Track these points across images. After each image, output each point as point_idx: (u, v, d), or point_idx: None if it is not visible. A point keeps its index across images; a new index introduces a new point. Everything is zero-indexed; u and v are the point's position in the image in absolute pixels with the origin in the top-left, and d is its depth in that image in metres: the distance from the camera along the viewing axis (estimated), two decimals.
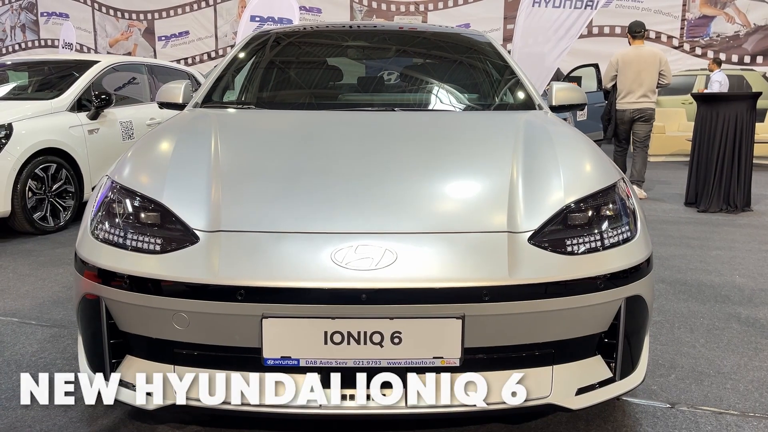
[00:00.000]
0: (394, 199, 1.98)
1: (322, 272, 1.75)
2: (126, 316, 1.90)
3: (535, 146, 2.28)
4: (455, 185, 2.11)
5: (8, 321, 3.24)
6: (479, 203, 2.01)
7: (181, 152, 2.23)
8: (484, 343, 1.81)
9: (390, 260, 1.77)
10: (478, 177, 2.15)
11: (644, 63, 6.79)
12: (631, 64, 6.81)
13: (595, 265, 1.87)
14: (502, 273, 1.77)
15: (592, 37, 14.54)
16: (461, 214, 1.95)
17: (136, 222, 1.97)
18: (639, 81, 6.80)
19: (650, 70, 6.78)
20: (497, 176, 2.10)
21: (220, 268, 1.78)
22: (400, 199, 1.98)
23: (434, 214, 1.95)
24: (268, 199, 1.99)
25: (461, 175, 2.15)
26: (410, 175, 2.11)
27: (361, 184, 2.06)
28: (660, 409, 2.32)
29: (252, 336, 1.77)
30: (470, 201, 2.02)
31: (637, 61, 6.80)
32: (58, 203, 5.32)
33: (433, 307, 1.74)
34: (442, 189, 2.08)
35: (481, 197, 2.04)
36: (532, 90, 3.07)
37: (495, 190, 2.04)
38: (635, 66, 6.79)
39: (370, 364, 1.77)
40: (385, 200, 1.98)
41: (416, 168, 2.16)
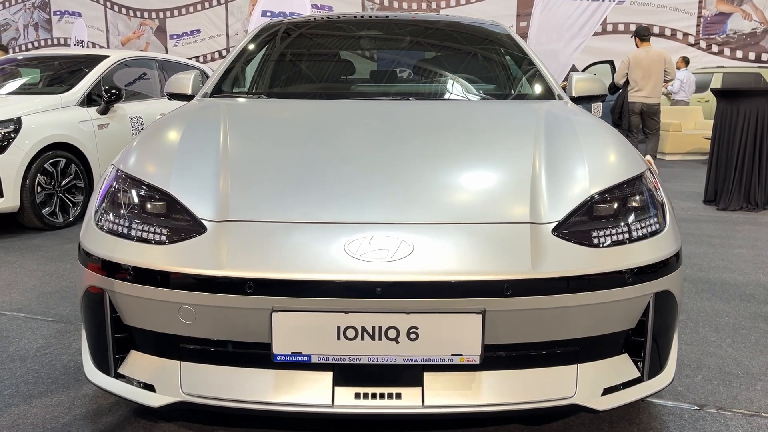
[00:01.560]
0: (411, 189, 1.89)
1: (335, 264, 1.67)
2: (130, 310, 1.82)
3: (558, 135, 2.18)
4: (474, 174, 2.01)
5: (14, 316, 3.18)
6: (500, 193, 1.91)
7: (188, 141, 2.15)
8: (505, 339, 1.71)
9: (406, 252, 1.68)
10: (498, 166, 2.06)
11: (652, 63, 7.90)
12: (641, 64, 7.91)
13: (622, 258, 1.77)
14: (524, 266, 1.68)
15: (607, 35, 14.37)
16: (481, 204, 1.86)
17: (142, 212, 1.89)
18: (647, 78, 7.93)
19: (657, 69, 7.92)
20: (518, 165, 2.01)
21: (228, 259, 1.70)
22: (416, 189, 1.89)
23: (453, 204, 1.85)
24: (279, 188, 1.90)
25: (480, 164, 2.05)
26: (427, 164, 2.01)
27: (375, 172, 1.97)
28: (688, 411, 2.22)
29: (261, 330, 1.68)
30: (490, 191, 1.93)
31: (646, 62, 7.90)
32: (68, 198, 5.27)
33: (452, 302, 1.65)
34: (460, 178, 1.99)
35: (501, 187, 1.94)
36: (552, 80, 2.97)
37: (516, 180, 1.94)
38: (645, 65, 7.90)
39: (385, 361, 1.68)
40: (401, 189, 1.89)
41: (433, 157, 2.07)
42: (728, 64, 13.91)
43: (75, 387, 2.38)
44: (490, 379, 1.73)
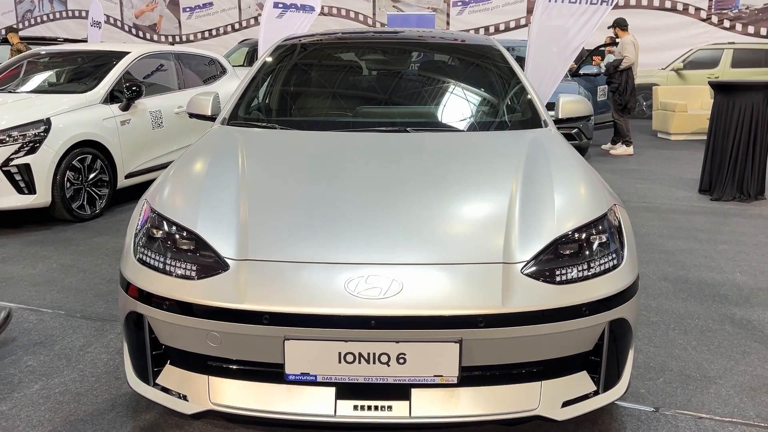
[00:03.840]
0: (402, 232, 2.21)
1: (337, 300, 2.00)
2: (166, 332, 2.17)
3: (534, 174, 2.48)
4: (458, 217, 2.33)
5: (56, 314, 3.56)
6: (478, 235, 2.23)
7: (211, 182, 2.48)
8: (479, 362, 2.05)
9: (396, 290, 2.01)
10: (479, 208, 2.37)
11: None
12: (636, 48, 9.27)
13: (582, 293, 2.08)
14: (495, 302, 2.00)
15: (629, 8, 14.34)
16: (461, 246, 2.17)
17: (173, 247, 2.23)
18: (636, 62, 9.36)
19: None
20: (496, 206, 2.32)
21: (247, 294, 2.04)
22: (407, 232, 2.21)
23: (437, 246, 2.17)
24: (290, 229, 2.23)
25: (464, 207, 2.37)
26: (417, 207, 2.33)
27: (373, 216, 2.29)
28: (644, 413, 2.56)
29: (276, 353, 2.02)
30: (470, 233, 2.24)
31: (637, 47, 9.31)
32: (94, 192, 5.64)
33: (434, 333, 1.98)
34: (445, 220, 2.30)
35: (480, 228, 2.26)
36: (539, 105, 3.25)
37: (493, 222, 2.25)
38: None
39: (378, 381, 2.02)
40: (394, 233, 2.20)
41: (423, 199, 2.37)
42: (740, 39, 13.90)
43: (116, 385, 2.76)
44: (467, 394, 2.07)
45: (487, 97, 3.55)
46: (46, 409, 2.60)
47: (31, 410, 2.59)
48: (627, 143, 9.34)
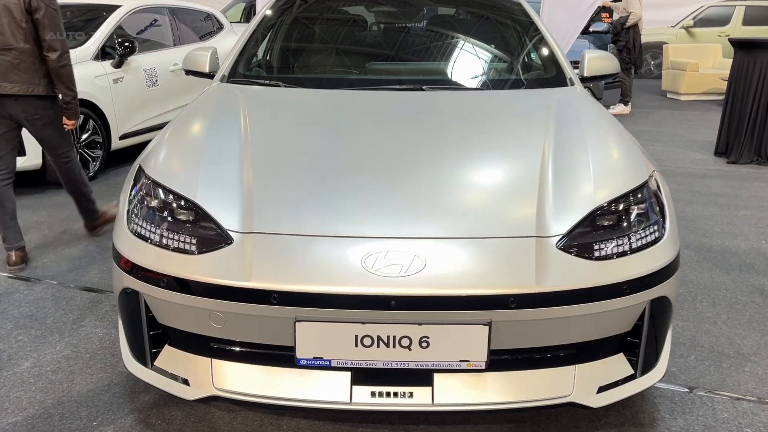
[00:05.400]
0: (424, 202, 2.00)
1: (353, 278, 1.80)
2: (164, 311, 1.98)
3: (566, 137, 2.26)
4: (484, 185, 2.11)
5: (48, 284, 3.37)
6: (508, 206, 2.02)
7: (212, 145, 2.25)
8: (509, 345, 1.86)
9: (419, 267, 1.81)
10: (508, 176, 2.15)
11: None
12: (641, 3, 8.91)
13: (622, 270, 1.89)
14: (529, 280, 1.81)
15: None
16: (490, 218, 1.97)
17: (171, 219, 2.02)
18: None
19: None
20: (526, 174, 2.10)
21: (254, 271, 1.84)
22: (429, 202, 2.00)
23: (463, 218, 1.96)
24: (299, 198, 2.02)
25: (491, 174, 2.15)
26: (440, 173, 2.11)
27: (390, 184, 2.07)
28: (678, 394, 2.39)
29: (286, 335, 1.84)
30: (499, 203, 2.03)
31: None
32: (87, 154, 5.40)
33: (460, 314, 1.79)
34: (471, 189, 2.09)
35: (509, 199, 2.04)
36: (564, 63, 3.00)
37: (524, 191, 2.04)
38: None
39: (399, 366, 1.84)
40: (415, 203, 1.99)
41: (446, 165, 2.16)
42: None
43: (112, 363, 2.59)
44: (495, 379, 1.89)
45: (507, 53, 3.29)
46: (37, 389, 2.43)
47: (20, 390, 2.42)
48: (625, 102, 9.11)
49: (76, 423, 2.23)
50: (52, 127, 3.59)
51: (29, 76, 3.40)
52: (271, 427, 2.19)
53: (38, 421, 2.24)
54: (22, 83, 3.39)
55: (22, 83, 3.39)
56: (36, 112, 3.48)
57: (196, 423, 2.21)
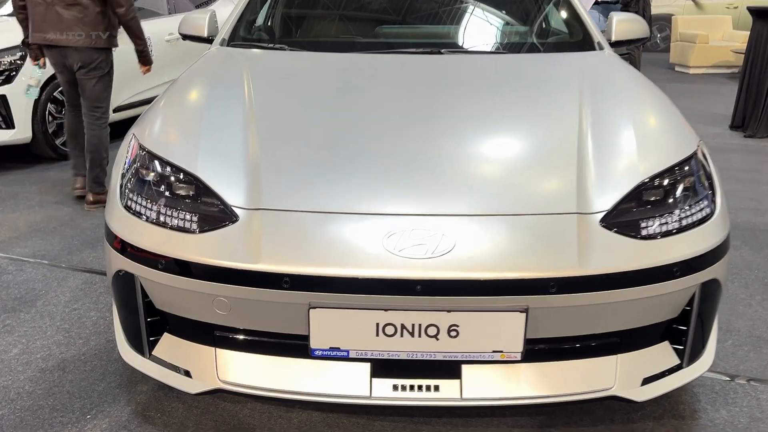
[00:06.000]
0: (450, 175, 1.79)
1: (374, 260, 1.61)
2: (162, 296, 1.79)
3: (605, 106, 2.05)
4: (517, 156, 1.90)
5: (38, 264, 3.18)
6: (544, 179, 1.82)
7: (212, 113, 2.04)
8: (546, 334, 1.68)
9: (447, 247, 1.62)
10: (542, 146, 1.94)
11: None
12: None
13: (672, 250, 1.70)
14: (571, 262, 1.61)
15: None
16: (525, 193, 1.77)
17: (169, 194, 1.81)
18: None
19: None
20: (563, 144, 1.90)
21: (263, 252, 1.64)
22: (456, 175, 1.80)
23: (495, 193, 1.76)
24: (312, 171, 1.81)
25: (523, 144, 1.95)
26: (466, 144, 1.91)
27: (413, 155, 1.87)
28: (719, 383, 2.22)
29: (298, 323, 1.65)
30: (534, 176, 1.83)
31: None
32: None
33: (495, 300, 1.60)
34: (502, 161, 1.89)
35: (546, 172, 1.84)
36: (592, 26, 2.78)
37: (561, 163, 1.83)
38: None
39: (424, 357, 1.66)
40: (441, 176, 1.79)
41: (473, 134, 1.95)
42: None
43: (107, 350, 2.40)
44: (529, 371, 1.71)
45: (531, 15, 3.06)
46: (26, 378, 2.24)
47: (8, 379, 2.23)
48: None
49: (69, 416, 2.04)
50: (101, 81, 3.85)
51: (92, 29, 3.66)
52: (280, 420, 2.02)
53: (27, 414, 2.05)
54: (86, 36, 3.65)
55: (86, 36, 3.65)
56: (93, 62, 3.74)
57: (198, 416, 2.03)
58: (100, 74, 3.82)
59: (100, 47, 3.74)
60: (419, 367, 1.70)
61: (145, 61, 4.12)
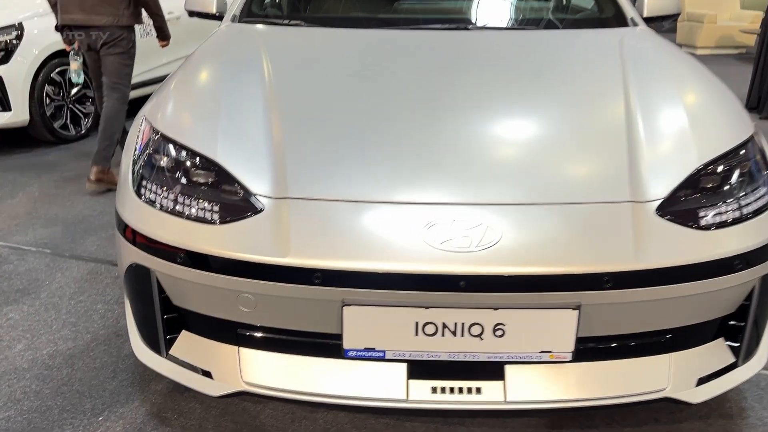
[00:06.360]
0: (493, 159, 1.66)
1: (414, 253, 1.48)
2: (181, 292, 1.66)
3: (652, 87, 1.91)
4: (562, 140, 1.76)
5: (41, 253, 3.04)
6: (594, 164, 1.68)
7: (230, 94, 1.89)
8: (597, 332, 1.56)
9: (493, 239, 1.49)
10: (589, 129, 1.80)
11: None
12: None
13: (733, 241, 1.57)
14: (627, 255, 1.49)
15: None
16: (573, 179, 1.64)
17: (186, 181, 1.68)
18: None
19: None
20: (611, 128, 1.76)
21: (291, 244, 1.51)
22: (499, 160, 1.66)
23: (543, 179, 1.63)
24: (342, 157, 1.68)
25: (567, 126, 1.81)
26: (508, 126, 1.78)
27: (449, 138, 1.73)
28: (765, 378, 2.11)
29: (330, 321, 1.53)
30: (582, 161, 1.69)
31: None
32: (78, 110, 5.00)
33: (545, 296, 1.48)
34: (547, 144, 1.75)
35: (594, 156, 1.71)
36: (623, 0, 2.62)
37: (610, 147, 1.70)
38: None
39: (467, 358, 1.54)
40: (483, 160, 1.66)
41: (513, 115, 1.82)
42: None
43: (117, 345, 2.28)
44: (578, 371, 1.59)
45: None
46: (32, 376, 2.11)
47: (13, 378, 2.11)
48: None
49: (79, 417, 1.92)
50: (122, 57, 3.90)
51: (114, 8, 3.75)
52: (305, 421, 1.90)
53: (35, 416, 1.93)
54: (109, 15, 3.74)
55: (109, 15, 3.74)
56: (115, 39, 3.81)
57: (217, 418, 1.92)
58: (121, 51, 3.86)
59: (123, 24, 3.80)
60: (459, 368, 1.58)
61: (163, 36, 4.18)
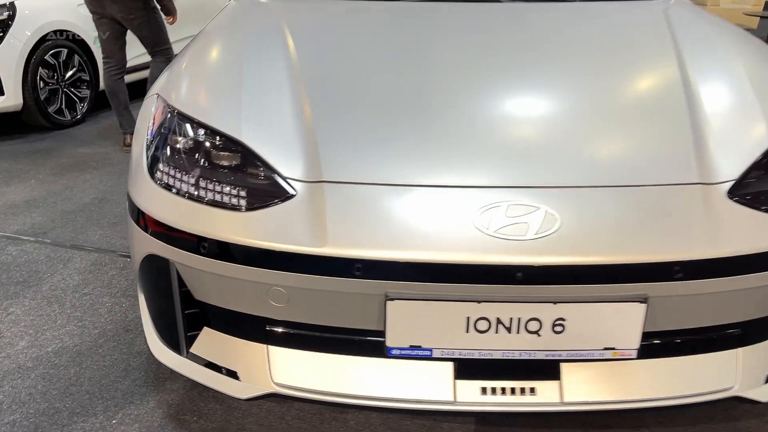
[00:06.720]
0: (547, 138, 1.52)
1: (465, 242, 1.34)
2: (204, 286, 1.52)
3: (708, 60, 1.77)
4: (620, 116, 1.62)
5: (40, 243, 2.88)
6: (656, 142, 1.54)
7: (253, 69, 1.73)
8: (663, 327, 1.43)
9: (553, 226, 1.35)
10: (646, 105, 1.66)
11: None
12: None
13: None
14: (699, 242, 1.35)
15: None
16: (636, 159, 1.49)
17: (208, 164, 1.53)
18: None
19: None
20: (670, 104, 1.62)
21: (329, 232, 1.37)
22: (554, 138, 1.52)
23: (604, 159, 1.49)
24: (380, 137, 1.53)
25: (622, 102, 1.66)
26: (558, 102, 1.63)
27: (497, 114, 1.59)
28: None
29: (371, 316, 1.39)
30: (644, 139, 1.55)
31: None
32: (73, 94, 4.82)
33: (609, 288, 1.34)
34: (602, 121, 1.60)
35: (656, 134, 1.56)
36: None
37: (672, 123, 1.56)
38: None
39: (522, 356, 1.40)
40: (535, 139, 1.51)
41: (563, 91, 1.67)
42: None
43: (127, 341, 2.13)
44: (640, 369, 1.46)
45: None
46: (37, 376, 1.97)
47: (18, 378, 1.96)
48: None
49: (91, 421, 1.78)
50: (147, 27, 4.01)
51: None
52: (334, 422, 1.77)
53: (43, 420, 1.79)
54: None
55: None
56: (130, 12, 3.89)
57: (240, 419, 1.78)
58: (144, 19, 3.95)
59: None
60: (509, 367, 1.45)
61: (168, 11, 4.21)
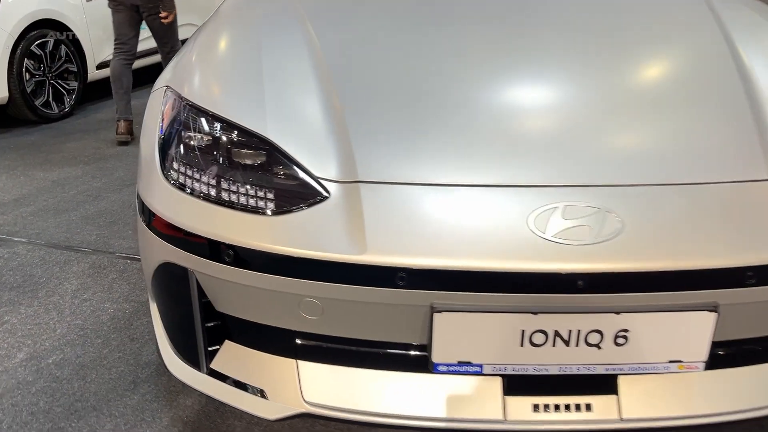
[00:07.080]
0: (602, 132, 1.40)
1: (519, 247, 1.22)
2: (228, 297, 1.38)
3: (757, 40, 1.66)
4: (675, 106, 1.50)
5: (33, 245, 2.72)
6: (720, 136, 1.42)
7: (274, 59, 1.59)
8: (731, 336, 1.32)
9: (615, 229, 1.23)
10: (702, 96, 1.54)
11: None
12: None
13: None
14: None
15: None
16: (702, 155, 1.38)
17: (229, 163, 1.39)
18: None
19: None
20: (727, 93, 1.51)
21: (368, 239, 1.24)
22: (610, 132, 1.40)
23: (667, 155, 1.37)
24: (418, 133, 1.40)
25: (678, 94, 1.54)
26: (608, 91, 1.51)
27: (545, 107, 1.46)
28: None
29: (415, 330, 1.27)
30: (707, 133, 1.43)
31: None
32: (61, 86, 4.64)
33: (677, 296, 1.23)
34: (660, 113, 1.48)
35: (719, 126, 1.45)
36: None
37: (731, 113, 1.45)
38: None
39: (580, 371, 1.29)
40: (594, 135, 1.39)
41: (611, 76, 1.55)
42: None
43: (133, 351, 2.00)
44: (705, 381, 1.35)
45: None
46: (38, 391, 1.83)
47: (17, 394, 1.82)
48: None
49: None
50: (160, 20, 4.10)
51: None
52: None
53: None
54: None
55: None
56: (147, 2, 4.02)
57: None
58: (157, 13, 4.04)
59: None
60: (562, 381, 1.33)
61: (165, 6, 4.14)
